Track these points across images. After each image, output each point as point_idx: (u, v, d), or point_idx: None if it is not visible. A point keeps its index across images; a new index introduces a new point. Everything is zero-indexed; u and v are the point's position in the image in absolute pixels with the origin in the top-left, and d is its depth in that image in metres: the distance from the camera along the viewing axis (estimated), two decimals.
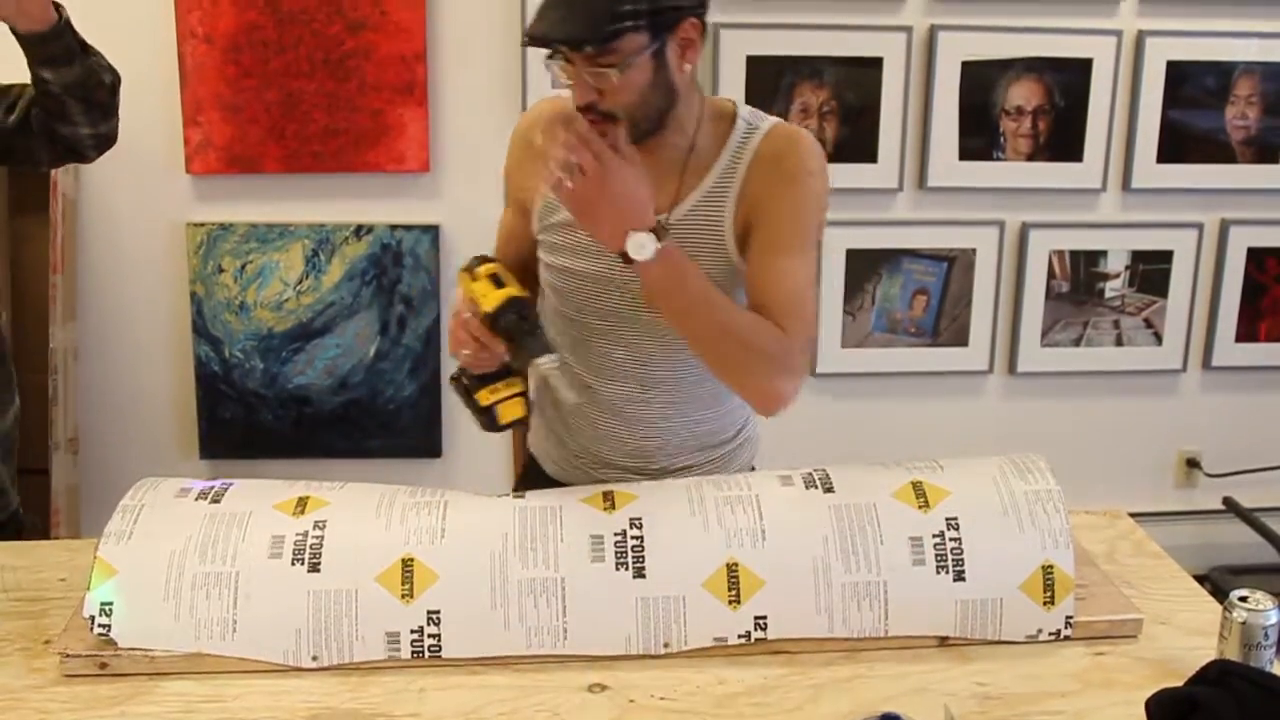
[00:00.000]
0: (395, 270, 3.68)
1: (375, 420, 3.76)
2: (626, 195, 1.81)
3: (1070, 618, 1.78)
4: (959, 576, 1.76)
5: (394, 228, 3.67)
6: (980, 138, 3.76)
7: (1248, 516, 3.90)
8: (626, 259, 1.83)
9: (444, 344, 3.71)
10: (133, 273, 3.69)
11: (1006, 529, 1.79)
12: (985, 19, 3.70)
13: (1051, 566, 1.77)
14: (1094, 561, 2.00)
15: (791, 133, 2.02)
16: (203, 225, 3.63)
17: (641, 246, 1.81)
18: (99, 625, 1.72)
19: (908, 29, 3.68)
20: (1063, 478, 1.86)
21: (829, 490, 1.85)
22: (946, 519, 1.79)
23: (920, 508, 1.81)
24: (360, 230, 3.66)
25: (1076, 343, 3.94)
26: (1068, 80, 3.77)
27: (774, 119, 2.04)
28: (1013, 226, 3.86)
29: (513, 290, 1.93)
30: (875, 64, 3.69)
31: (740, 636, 1.76)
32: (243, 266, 3.66)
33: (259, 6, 3.50)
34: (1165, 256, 3.93)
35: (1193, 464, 4.13)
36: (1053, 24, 3.73)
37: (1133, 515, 2.27)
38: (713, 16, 3.54)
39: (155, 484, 1.92)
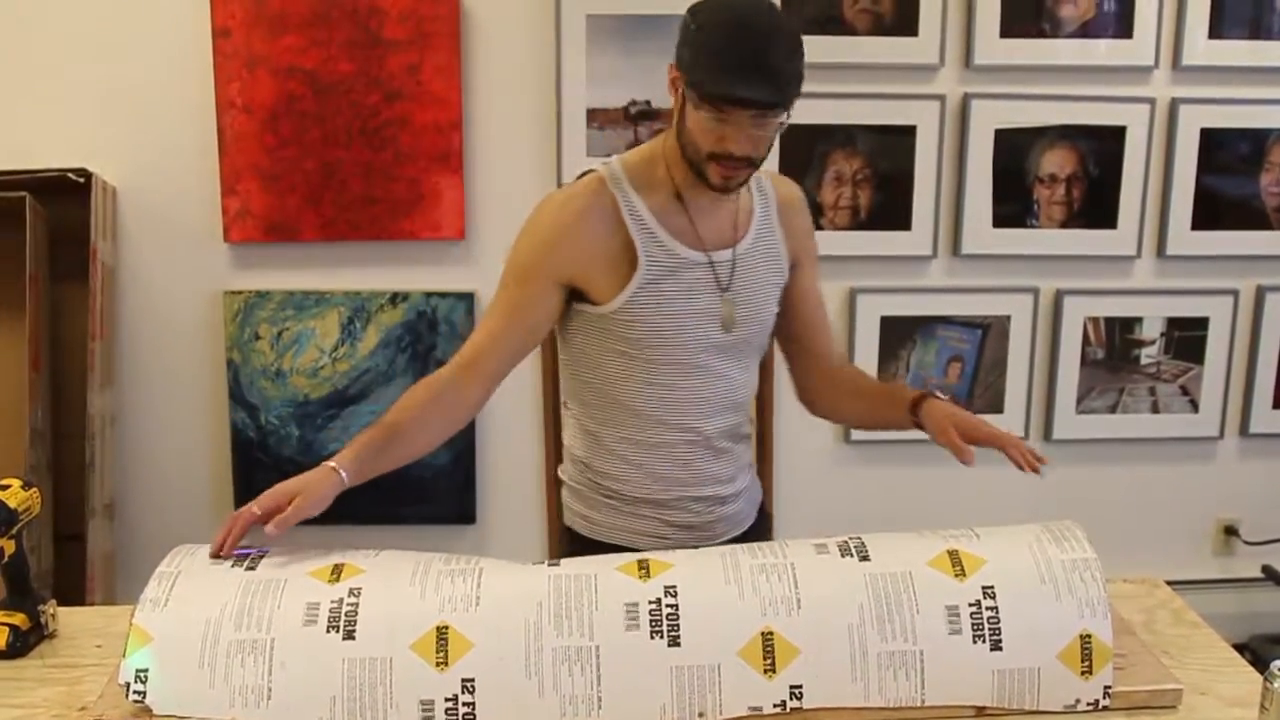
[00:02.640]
0: (430, 337, 3.70)
1: (409, 487, 3.77)
2: None
3: (1109, 687, 1.76)
4: (996, 646, 1.75)
5: (429, 295, 3.69)
6: (1014, 205, 3.77)
7: None
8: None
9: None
10: (170, 340, 3.71)
11: (1044, 597, 1.78)
12: (1018, 87, 3.72)
13: (1090, 636, 1.76)
14: (1133, 630, 1.98)
15: (782, 178, 2.41)
16: (240, 293, 3.66)
17: None
18: (134, 692, 1.72)
19: (941, 97, 3.70)
20: (1099, 545, 1.85)
21: (864, 559, 1.85)
22: (983, 588, 1.79)
23: (956, 576, 1.80)
24: (396, 297, 3.68)
25: (1112, 410, 3.93)
26: (1101, 148, 3.77)
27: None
28: (1047, 293, 3.86)
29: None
30: (909, 132, 3.70)
31: (775, 706, 1.74)
32: (279, 334, 3.68)
33: (298, 78, 3.54)
34: (1201, 323, 3.92)
35: (1231, 531, 4.09)
36: (1085, 92, 3.74)
37: (1170, 583, 2.25)
38: None
39: (191, 550, 1.94)
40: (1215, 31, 3.74)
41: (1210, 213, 3.85)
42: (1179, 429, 3.99)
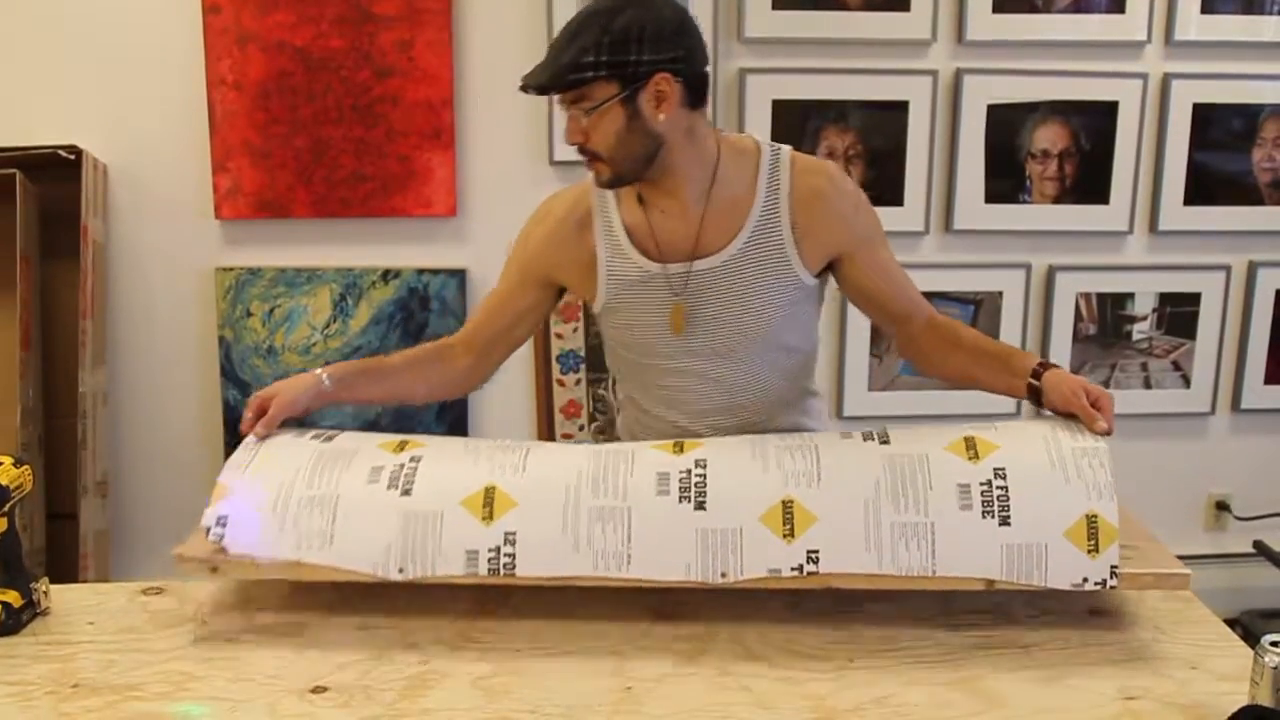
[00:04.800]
0: (422, 314, 3.70)
1: None
2: None
3: (1115, 568, 1.82)
4: (1004, 521, 1.83)
5: (421, 271, 3.69)
6: (1006, 181, 3.77)
7: (1278, 560, 3.87)
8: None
9: None
10: (162, 317, 3.71)
11: (1052, 479, 1.86)
12: (1010, 63, 3.71)
13: (1096, 516, 1.83)
14: (1145, 529, 2.03)
15: (815, 166, 2.23)
16: (231, 270, 3.66)
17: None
18: (214, 534, 1.93)
19: (933, 73, 3.69)
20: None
21: (885, 443, 1.96)
22: (995, 469, 1.87)
23: (970, 459, 1.89)
24: (388, 274, 3.68)
25: (1104, 385, 3.93)
26: (1093, 123, 3.77)
27: (786, 148, 2.23)
28: (1039, 269, 3.86)
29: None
30: (901, 108, 3.70)
31: (793, 569, 1.85)
32: (271, 311, 3.68)
33: (289, 54, 3.53)
34: (1193, 299, 3.92)
35: (1222, 507, 4.11)
36: (1078, 67, 3.74)
37: None
38: (739, 61, 3.60)
39: (277, 433, 2.14)
40: (1208, 6, 3.74)
41: (1202, 188, 3.85)
42: (1171, 405, 4.00)
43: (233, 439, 3.70)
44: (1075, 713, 1.72)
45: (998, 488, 1.85)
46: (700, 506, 1.88)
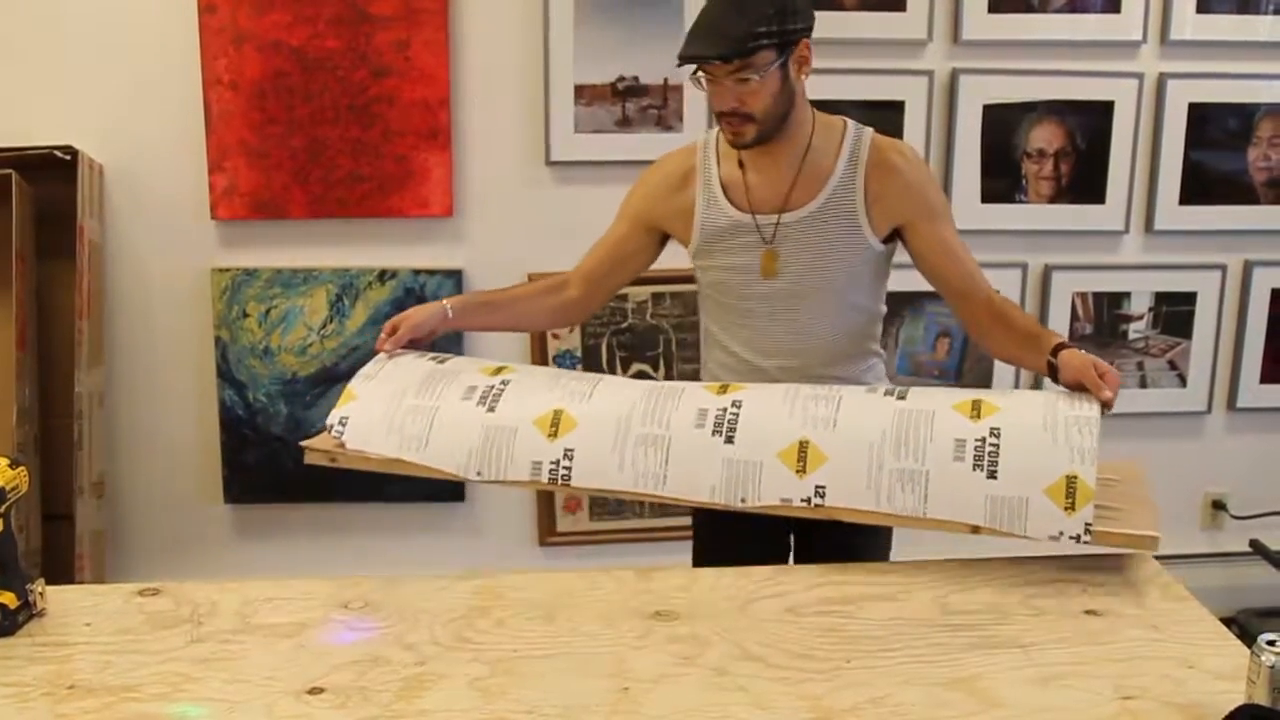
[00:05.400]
0: None
1: None
2: None
3: (1089, 524, 1.96)
4: (991, 474, 2.01)
5: (418, 272, 3.68)
6: (1002, 180, 3.77)
7: (1274, 558, 3.87)
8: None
9: None
10: (158, 318, 3.71)
11: (1041, 441, 2.04)
12: (1006, 63, 3.72)
13: (1075, 477, 1.98)
14: (1151, 498, 2.14)
15: (891, 144, 2.50)
16: (227, 270, 3.65)
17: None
18: (336, 430, 2.29)
19: (929, 73, 3.70)
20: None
21: (901, 399, 2.19)
22: (991, 428, 2.07)
23: (972, 418, 2.10)
24: (384, 275, 3.68)
25: None
26: (1089, 123, 3.78)
27: (869, 129, 2.51)
28: (1035, 269, 3.86)
29: None
30: (897, 107, 3.70)
31: (802, 500, 2.09)
32: (267, 311, 3.68)
33: (285, 54, 3.53)
34: (1189, 298, 3.93)
35: (1218, 506, 4.11)
36: (1074, 67, 3.74)
37: (1158, 558, 2.25)
38: None
39: (402, 352, 2.49)
40: (1203, 6, 3.75)
41: (1198, 188, 3.86)
42: (1167, 404, 4.01)
43: (229, 438, 3.71)
44: (1072, 712, 1.72)
45: (990, 444, 2.03)
46: (729, 440, 2.13)
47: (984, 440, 2.05)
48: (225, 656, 1.87)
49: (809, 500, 2.08)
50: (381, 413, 2.29)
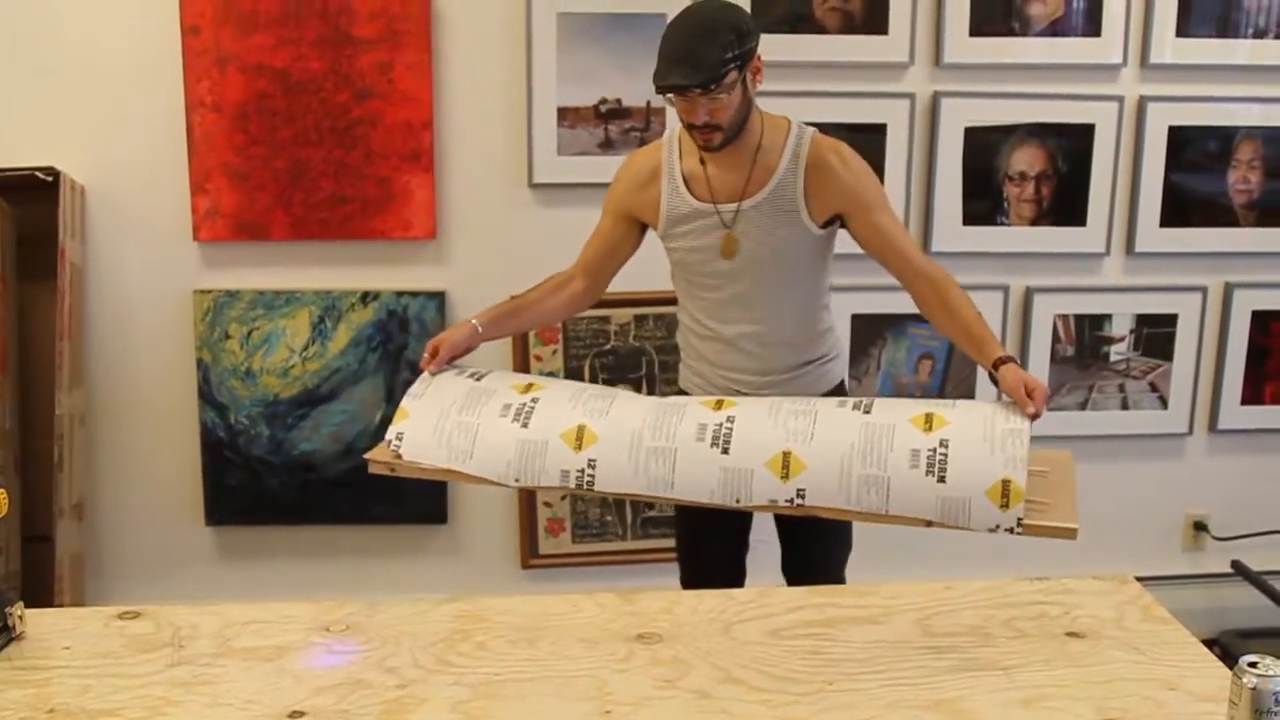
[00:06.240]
0: (401, 336, 3.69)
1: (381, 486, 3.73)
2: None
3: (1021, 519, 2.22)
4: (941, 479, 2.28)
5: (400, 294, 3.68)
6: (984, 203, 3.78)
7: (1256, 580, 3.88)
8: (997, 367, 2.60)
9: None
10: (139, 339, 3.70)
11: (981, 452, 2.31)
12: (988, 86, 3.73)
13: (1009, 481, 2.25)
14: (1074, 500, 2.32)
15: (828, 144, 2.81)
16: (209, 292, 3.65)
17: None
18: (393, 445, 2.54)
19: (910, 95, 3.71)
20: (1069, 541, 1.90)
21: (867, 413, 2.46)
22: (941, 439, 2.35)
23: (925, 430, 2.38)
24: (366, 297, 3.68)
25: (1082, 406, 3.95)
26: (1070, 145, 3.79)
27: (811, 129, 2.83)
28: (1017, 291, 3.87)
29: None
30: (879, 130, 3.71)
31: (786, 501, 2.36)
32: (249, 333, 3.67)
33: (268, 76, 3.53)
34: (1170, 320, 3.94)
35: (1200, 527, 4.12)
36: (1054, 90, 3.76)
37: (1140, 579, 2.26)
38: None
39: (444, 370, 2.77)
40: (1183, 30, 3.76)
41: (1178, 210, 3.87)
42: (1148, 425, 4.01)
43: (211, 460, 3.70)
44: None
45: (940, 454, 2.32)
46: (725, 451, 2.43)
47: (934, 450, 2.33)
48: (206, 680, 1.86)
49: (791, 500, 2.37)
50: (431, 428, 2.58)
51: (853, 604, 2.17)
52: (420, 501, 3.78)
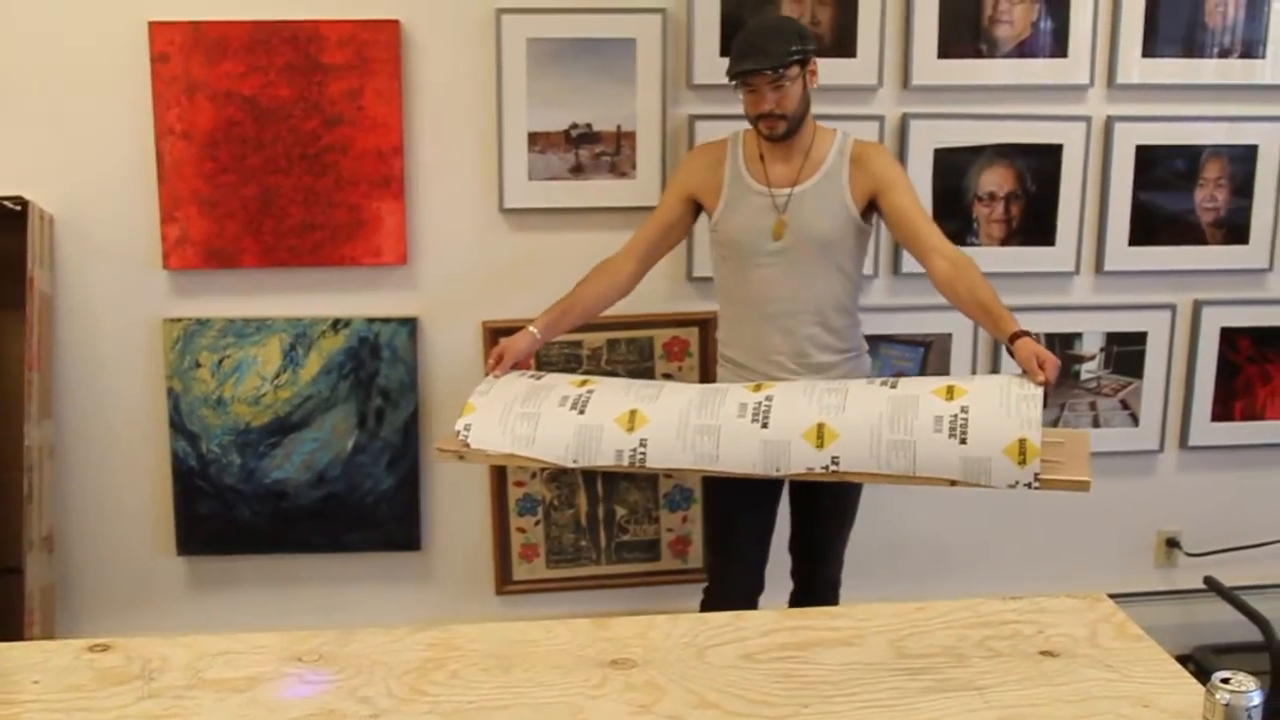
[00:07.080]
0: (373, 363, 3.68)
1: (353, 514, 3.74)
2: None
3: (1038, 474, 2.54)
4: (963, 441, 2.60)
5: (371, 320, 3.68)
6: (954, 223, 3.79)
7: (1229, 595, 3.89)
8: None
9: (423, 436, 3.71)
10: (109, 369, 3.68)
11: (999, 414, 2.62)
12: (956, 107, 3.75)
13: (1025, 440, 2.56)
14: (1085, 458, 2.67)
15: (867, 144, 3.26)
16: (179, 320, 3.63)
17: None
18: (461, 435, 2.86)
19: (879, 117, 3.73)
20: (1043, 558, 1.93)
21: (893, 388, 2.80)
22: (961, 406, 2.66)
23: (947, 399, 2.69)
24: (338, 323, 3.67)
25: (1053, 424, 3.95)
26: (1039, 165, 3.81)
27: (853, 135, 3.26)
28: None
29: None
30: None
31: (822, 468, 2.70)
32: (220, 361, 3.66)
33: (237, 103, 3.53)
34: (1139, 338, 3.96)
35: (1172, 544, 4.13)
36: (1022, 110, 3.78)
37: (1113, 596, 2.26)
38: (687, 107, 3.62)
39: (506, 373, 3.12)
40: (1149, 50, 3.79)
41: (1146, 229, 3.90)
42: (1119, 443, 4.03)
43: (182, 490, 3.68)
44: None
45: (961, 419, 2.62)
46: (765, 426, 2.75)
47: (956, 415, 2.63)
48: (177, 713, 1.85)
49: (827, 467, 2.69)
50: (497, 419, 2.88)
51: (826, 626, 2.16)
52: (393, 529, 3.77)
